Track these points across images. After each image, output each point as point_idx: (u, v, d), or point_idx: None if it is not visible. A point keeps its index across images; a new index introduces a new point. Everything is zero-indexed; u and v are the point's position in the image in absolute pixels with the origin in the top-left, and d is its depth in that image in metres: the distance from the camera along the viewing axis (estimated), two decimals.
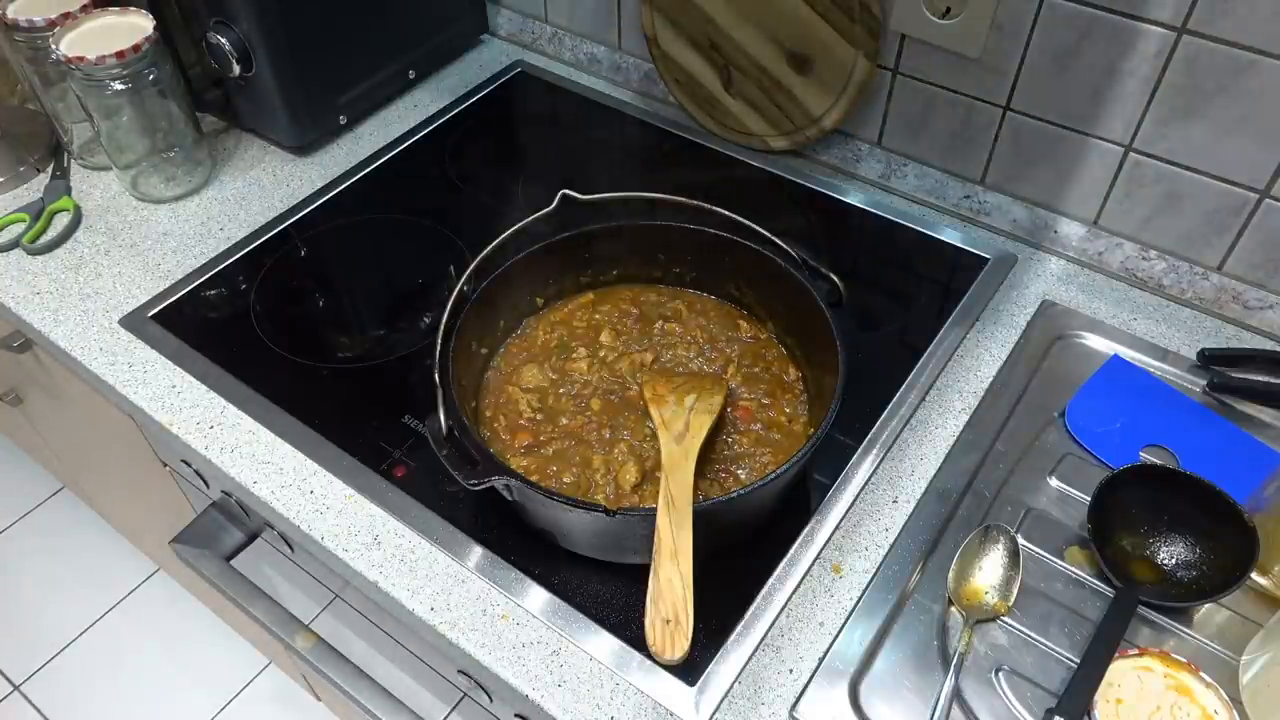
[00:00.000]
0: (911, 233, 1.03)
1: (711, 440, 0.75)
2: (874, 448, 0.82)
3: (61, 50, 0.94)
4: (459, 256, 0.79)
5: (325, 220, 1.06)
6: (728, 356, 0.83)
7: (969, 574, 0.72)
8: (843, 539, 0.76)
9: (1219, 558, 0.71)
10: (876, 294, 0.97)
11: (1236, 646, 0.69)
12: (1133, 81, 0.85)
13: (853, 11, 0.94)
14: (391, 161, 1.13)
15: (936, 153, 1.03)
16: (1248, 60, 0.79)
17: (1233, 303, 0.92)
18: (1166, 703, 0.64)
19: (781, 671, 0.69)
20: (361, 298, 1.00)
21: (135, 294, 0.97)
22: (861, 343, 0.89)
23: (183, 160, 1.07)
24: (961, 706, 0.66)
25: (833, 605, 0.72)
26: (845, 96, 1.01)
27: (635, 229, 0.85)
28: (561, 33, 1.26)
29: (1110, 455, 0.80)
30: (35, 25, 0.99)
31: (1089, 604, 0.72)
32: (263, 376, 0.88)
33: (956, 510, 0.77)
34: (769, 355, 0.83)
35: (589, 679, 0.68)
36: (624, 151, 1.19)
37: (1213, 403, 0.85)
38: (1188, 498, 0.73)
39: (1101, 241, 0.96)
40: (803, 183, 1.09)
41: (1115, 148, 0.90)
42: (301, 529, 0.78)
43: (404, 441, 0.83)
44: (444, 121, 1.19)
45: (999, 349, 0.90)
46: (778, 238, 0.79)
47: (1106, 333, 0.91)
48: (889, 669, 0.69)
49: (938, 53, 0.95)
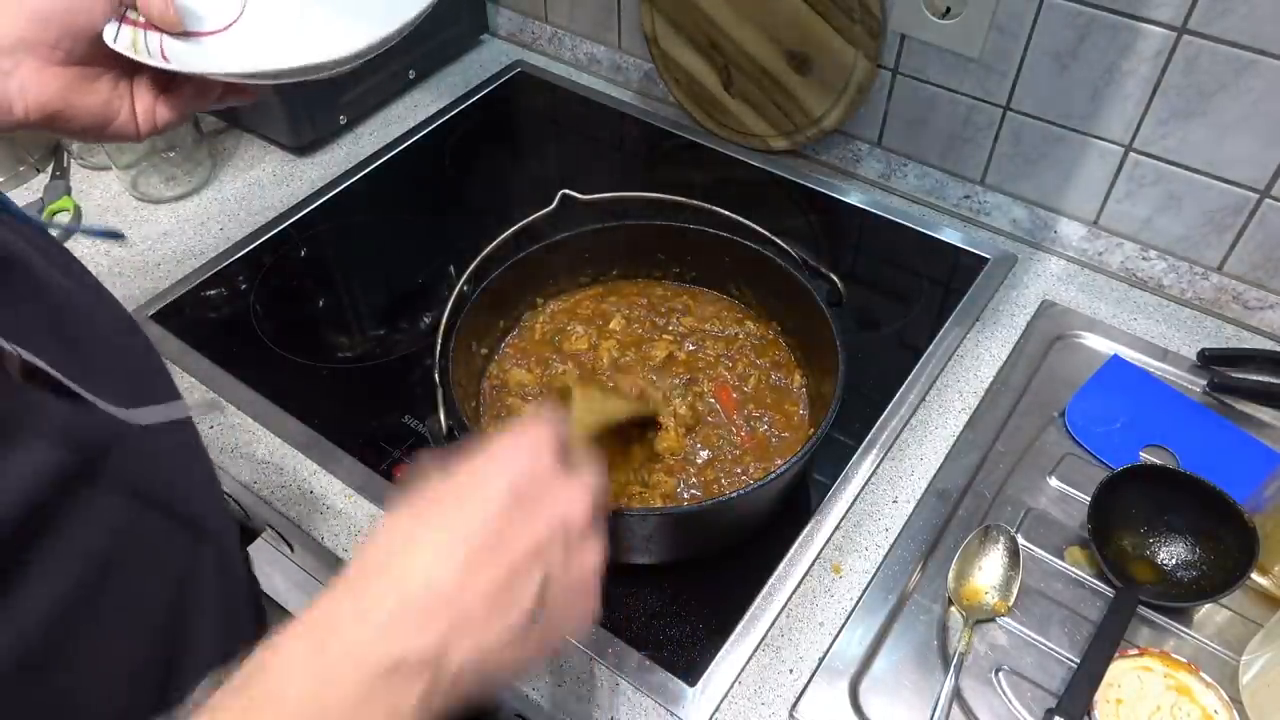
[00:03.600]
0: (911, 233, 1.03)
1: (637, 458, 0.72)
2: (874, 448, 0.82)
3: None
4: (459, 256, 0.79)
5: (325, 220, 1.06)
6: (741, 352, 0.83)
7: (969, 574, 0.72)
8: (843, 539, 0.76)
9: (1219, 558, 0.71)
10: (876, 294, 0.97)
11: (1236, 646, 0.69)
12: (1133, 81, 0.85)
13: (853, 11, 0.94)
14: (391, 161, 1.13)
15: (936, 153, 1.03)
16: (1248, 60, 0.79)
17: (1233, 303, 0.92)
18: (1166, 703, 0.64)
19: (781, 671, 0.69)
20: (361, 298, 1.00)
21: (135, 294, 0.97)
22: (861, 343, 0.89)
23: (183, 160, 1.07)
24: (961, 706, 0.66)
25: (833, 605, 0.72)
26: (845, 96, 1.01)
27: (635, 229, 0.85)
28: (561, 33, 1.26)
29: (1110, 455, 0.80)
30: None
31: (1089, 604, 0.72)
32: (263, 376, 0.88)
33: (956, 510, 0.77)
34: (770, 354, 0.83)
35: (589, 679, 0.68)
36: (624, 151, 1.20)
37: (1213, 403, 0.85)
38: (1188, 498, 0.73)
39: (1101, 241, 0.96)
40: (803, 183, 1.09)
41: (1115, 148, 0.90)
42: (301, 529, 0.78)
43: (404, 441, 0.83)
44: (444, 121, 1.19)
45: (999, 349, 0.90)
46: (778, 238, 0.79)
47: (1106, 333, 0.91)
48: (889, 669, 0.69)
49: (938, 53, 0.95)
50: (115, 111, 0.58)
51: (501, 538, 0.41)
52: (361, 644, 0.38)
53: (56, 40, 0.54)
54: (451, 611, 0.39)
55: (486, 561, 0.40)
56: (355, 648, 0.37)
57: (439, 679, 0.38)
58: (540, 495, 0.43)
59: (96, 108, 0.57)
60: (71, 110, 0.56)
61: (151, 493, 0.48)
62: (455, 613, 0.39)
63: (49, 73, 0.54)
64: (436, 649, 0.38)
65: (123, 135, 0.59)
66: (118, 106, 0.58)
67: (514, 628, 0.41)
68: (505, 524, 0.41)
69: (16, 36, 0.53)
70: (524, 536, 0.41)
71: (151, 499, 0.48)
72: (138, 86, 0.59)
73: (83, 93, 0.56)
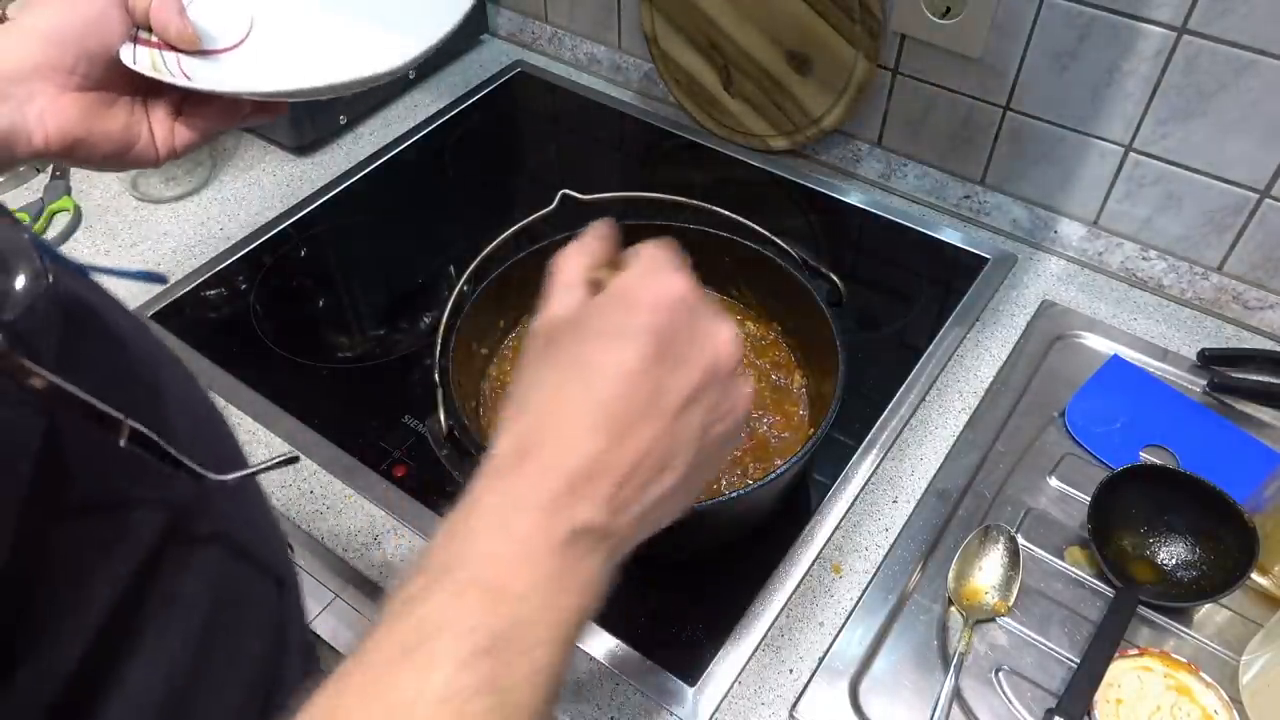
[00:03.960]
0: (911, 233, 1.03)
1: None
2: (874, 448, 0.82)
3: None
4: (459, 256, 0.79)
5: (325, 220, 1.06)
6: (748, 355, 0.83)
7: (969, 574, 0.72)
8: (843, 539, 0.76)
9: (1219, 558, 0.71)
10: (876, 294, 0.97)
11: (1236, 646, 0.69)
12: (1133, 81, 0.85)
13: (853, 11, 0.94)
14: (391, 161, 1.13)
15: (936, 153, 1.03)
16: (1248, 60, 0.79)
17: (1233, 303, 0.92)
18: (1166, 703, 0.64)
19: (781, 671, 0.69)
20: (361, 298, 1.00)
21: (135, 294, 0.97)
22: (861, 343, 0.89)
23: (183, 160, 1.07)
24: (961, 706, 0.66)
25: (833, 605, 0.72)
26: (845, 96, 1.01)
27: (635, 229, 0.85)
28: (561, 33, 1.26)
29: (1110, 455, 0.80)
30: None
31: (1089, 604, 0.72)
32: (263, 376, 0.88)
33: (956, 510, 0.77)
34: (770, 354, 0.83)
35: (589, 679, 0.68)
36: (624, 151, 1.20)
37: (1213, 403, 0.85)
38: (1188, 498, 0.73)
39: (1101, 241, 0.96)
40: (803, 183, 1.09)
41: (1115, 148, 0.90)
42: (301, 529, 0.78)
43: (404, 441, 0.83)
44: (444, 121, 1.19)
45: (999, 349, 0.90)
46: (778, 238, 0.79)
47: (1106, 333, 0.91)
48: (889, 669, 0.69)
49: (938, 53, 0.95)
50: (135, 136, 0.57)
51: (655, 392, 0.40)
52: (537, 527, 0.37)
53: (74, 64, 0.53)
54: (610, 480, 0.38)
55: (640, 424, 0.39)
56: (534, 530, 0.37)
57: (615, 540, 0.38)
58: (685, 347, 0.41)
59: (116, 133, 0.56)
60: (92, 137, 0.55)
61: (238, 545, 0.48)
62: (615, 479, 0.38)
63: (67, 98, 0.54)
64: (604, 517, 0.38)
65: (142, 160, 0.59)
66: (137, 131, 0.57)
67: (679, 478, 0.40)
68: (656, 377, 0.40)
69: (33, 63, 0.52)
70: (676, 387, 0.40)
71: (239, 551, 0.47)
72: (155, 109, 0.58)
73: (102, 118, 0.55)
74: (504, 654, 0.34)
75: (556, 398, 0.40)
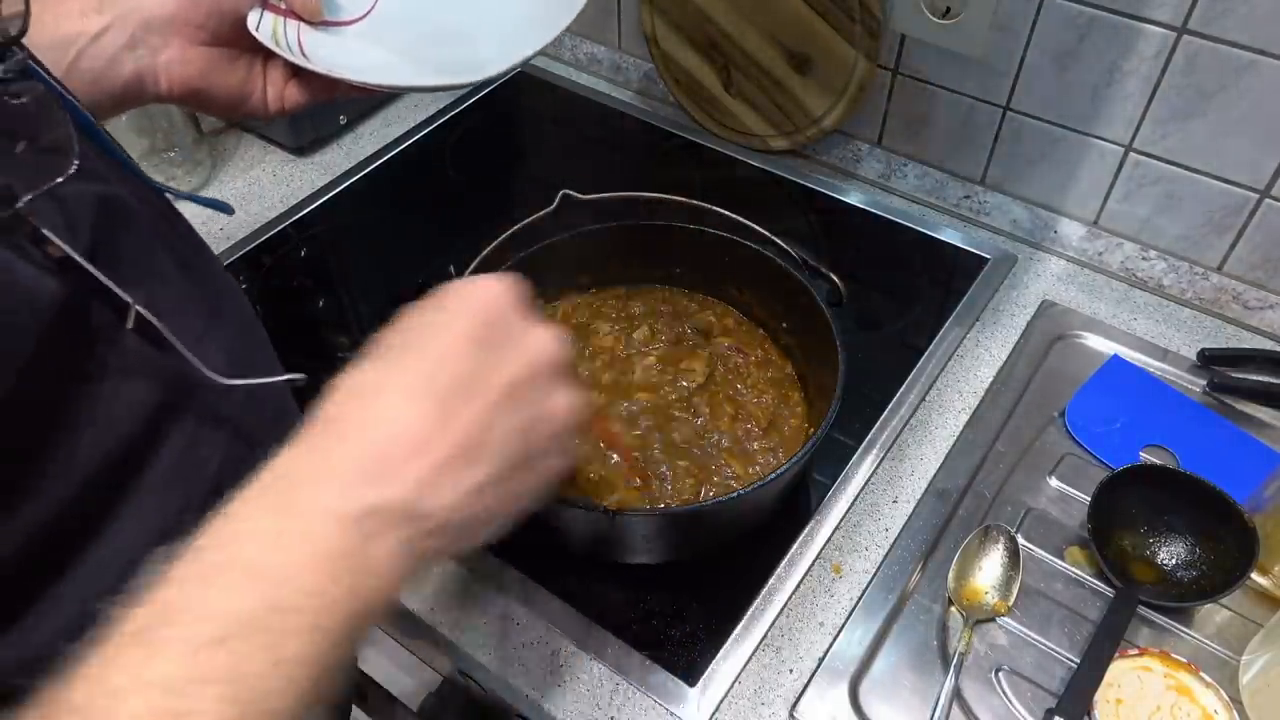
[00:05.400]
0: (911, 233, 1.03)
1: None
2: (874, 448, 0.82)
3: None
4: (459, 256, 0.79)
5: (325, 220, 1.06)
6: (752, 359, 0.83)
7: (969, 574, 0.72)
8: (843, 539, 0.76)
9: (1219, 558, 0.71)
10: (876, 294, 0.97)
11: (1236, 646, 0.69)
12: (1133, 81, 0.85)
13: (853, 11, 0.94)
14: (391, 161, 1.13)
15: (936, 153, 1.03)
16: (1248, 60, 0.79)
17: (1233, 303, 0.92)
18: (1166, 703, 0.64)
19: (781, 671, 0.69)
20: (361, 298, 1.00)
21: None
22: (861, 343, 0.88)
23: (183, 160, 1.07)
24: (961, 706, 0.66)
25: (833, 605, 0.72)
26: (845, 96, 1.01)
27: (635, 229, 0.85)
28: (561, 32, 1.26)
29: (1110, 455, 0.80)
30: None
31: (1089, 604, 0.72)
32: None
33: (956, 510, 0.77)
34: (771, 354, 0.83)
35: (589, 679, 0.68)
36: (624, 151, 1.20)
37: (1213, 403, 0.85)
38: (1188, 498, 0.73)
39: (1101, 241, 0.96)
40: (803, 183, 1.09)
41: (1115, 148, 0.90)
42: None
43: None
44: (444, 121, 1.19)
45: (999, 349, 0.90)
46: (778, 238, 0.79)
47: (1106, 333, 0.91)
48: (889, 669, 0.69)
49: (938, 53, 0.95)
50: (250, 92, 0.61)
51: (472, 379, 0.39)
52: (329, 497, 0.36)
53: (204, 20, 0.56)
54: (424, 458, 0.37)
55: (458, 405, 0.39)
56: (322, 501, 0.36)
57: (417, 529, 0.37)
58: (505, 336, 0.41)
59: (234, 88, 0.60)
60: (211, 89, 0.58)
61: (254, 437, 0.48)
62: (429, 460, 0.37)
63: (193, 51, 0.57)
64: (410, 497, 0.37)
65: (254, 114, 0.62)
66: (253, 88, 0.61)
67: (495, 472, 0.39)
68: (473, 365, 0.40)
69: (168, 15, 0.55)
70: (494, 377, 0.40)
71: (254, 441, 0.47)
72: (271, 69, 0.61)
73: (223, 72, 0.59)
74: (244, 643, 0.33)
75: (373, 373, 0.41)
